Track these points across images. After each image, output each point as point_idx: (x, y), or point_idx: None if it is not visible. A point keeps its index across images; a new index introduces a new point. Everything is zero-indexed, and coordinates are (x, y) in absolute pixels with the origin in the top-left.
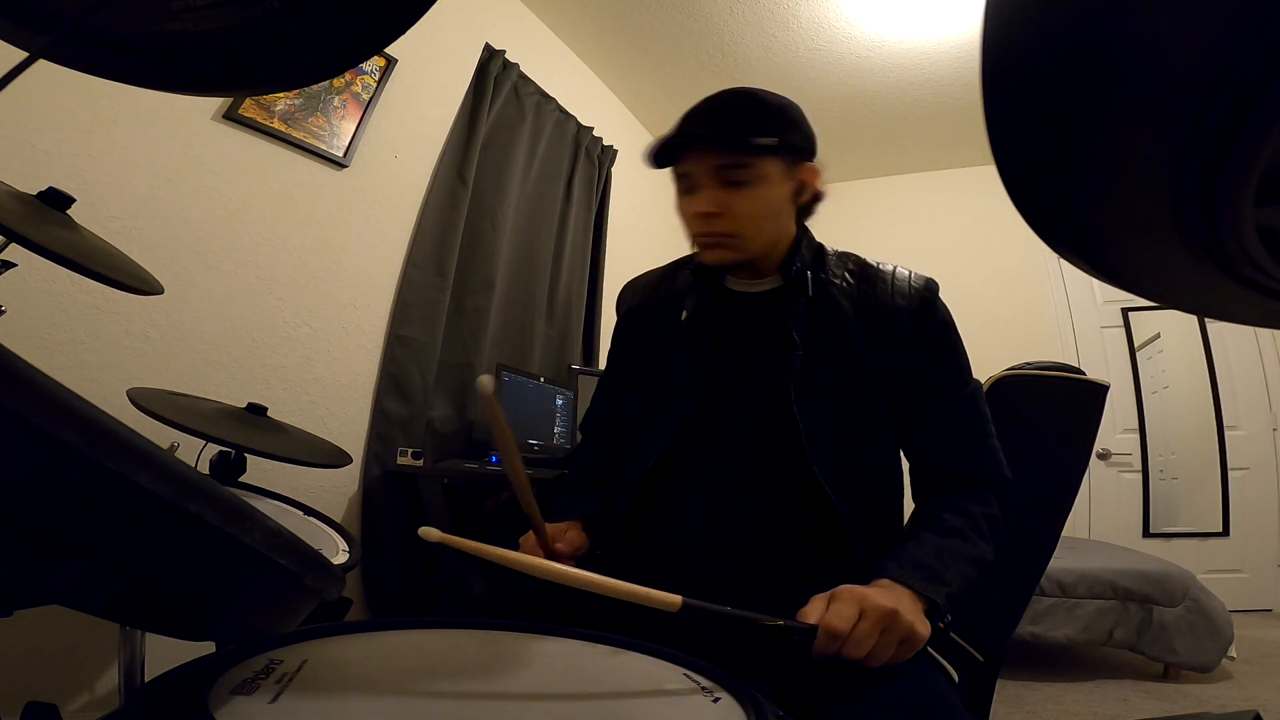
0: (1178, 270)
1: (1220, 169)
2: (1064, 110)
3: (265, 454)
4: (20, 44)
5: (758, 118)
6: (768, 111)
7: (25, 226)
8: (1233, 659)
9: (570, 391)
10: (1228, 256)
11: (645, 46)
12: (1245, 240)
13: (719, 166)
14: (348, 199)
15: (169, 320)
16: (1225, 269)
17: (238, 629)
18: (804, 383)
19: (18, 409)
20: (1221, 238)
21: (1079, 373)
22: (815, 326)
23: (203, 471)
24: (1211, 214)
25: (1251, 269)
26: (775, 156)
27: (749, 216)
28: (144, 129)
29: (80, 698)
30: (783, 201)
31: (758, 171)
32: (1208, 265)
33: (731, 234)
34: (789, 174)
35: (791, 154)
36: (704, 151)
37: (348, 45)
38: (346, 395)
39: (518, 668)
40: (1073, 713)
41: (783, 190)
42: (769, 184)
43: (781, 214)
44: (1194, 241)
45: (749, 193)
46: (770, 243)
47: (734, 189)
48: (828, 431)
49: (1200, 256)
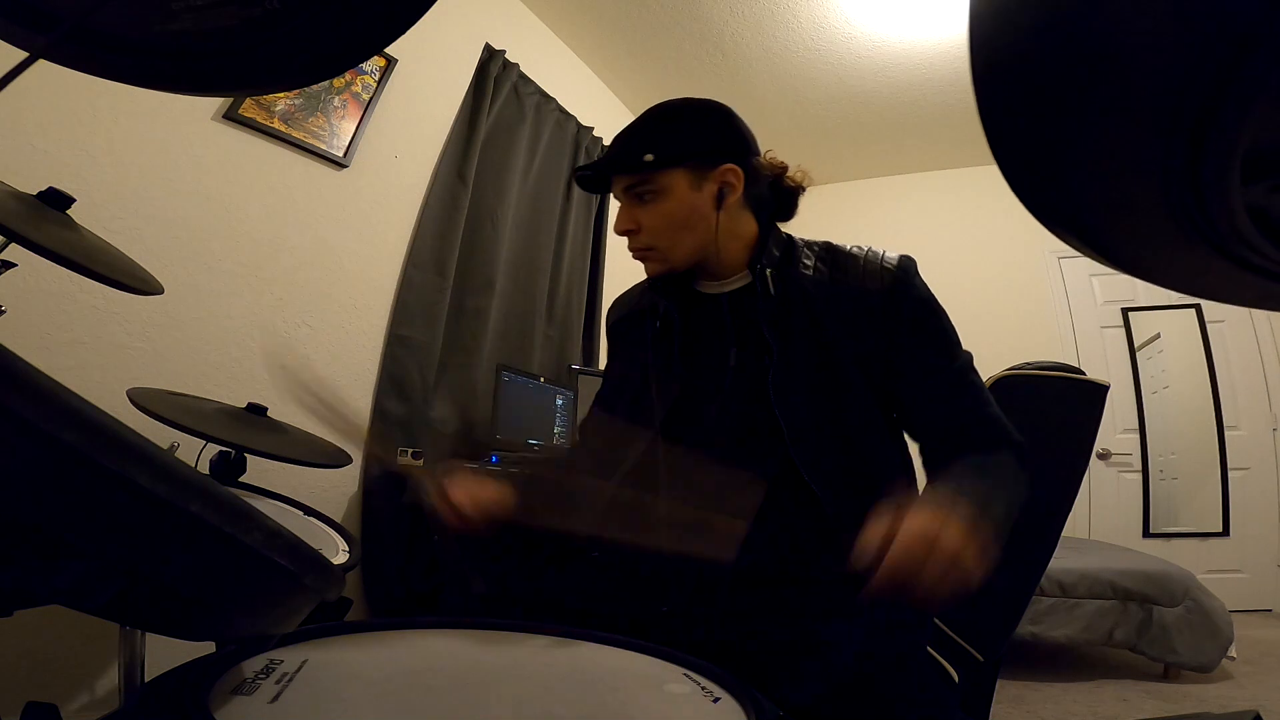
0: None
1: (1203, 148)
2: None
3: (265, 454)
4: (20, 44)
5: (656, 135)
6: (669, 126)
7: (25, 226)
8: (1233, 659)
9: (570, 391)
10: (1220, 236)
11: (645, 46)
12: (1235, 219)
13: (626, 188)
14: (348, 199)
15: (169, 320)
16: (1218, 248)
17: (238, 629)
18: (782, 382)
19: (18, 409)
20: (1212, 217)
21: (1079, 373)
22: (788, 323)
23: (203, 471)
24: (1200, 193)
25: (1244, 248)
26: (676, 168)
27: (659, 229)
28: (144, 129)
29: (80, 698)
30: (700, 206)
31: (658, 185)
32: (1201, 245)
33: (649, 247)
34: (699, 181)
35: (697, 161)
36: (616, 175)
37: (348, 45)
38: (346, 395)
39: (518, 668)
40: (1073, 713)
41: (696, 197)
42: (674, 194)
43: (703, 219)
44: (1185, 221)
45: (655, 206)
46: (696, 248)
47: (643, 205)
48: (812, 430)
49: (1192, 236)
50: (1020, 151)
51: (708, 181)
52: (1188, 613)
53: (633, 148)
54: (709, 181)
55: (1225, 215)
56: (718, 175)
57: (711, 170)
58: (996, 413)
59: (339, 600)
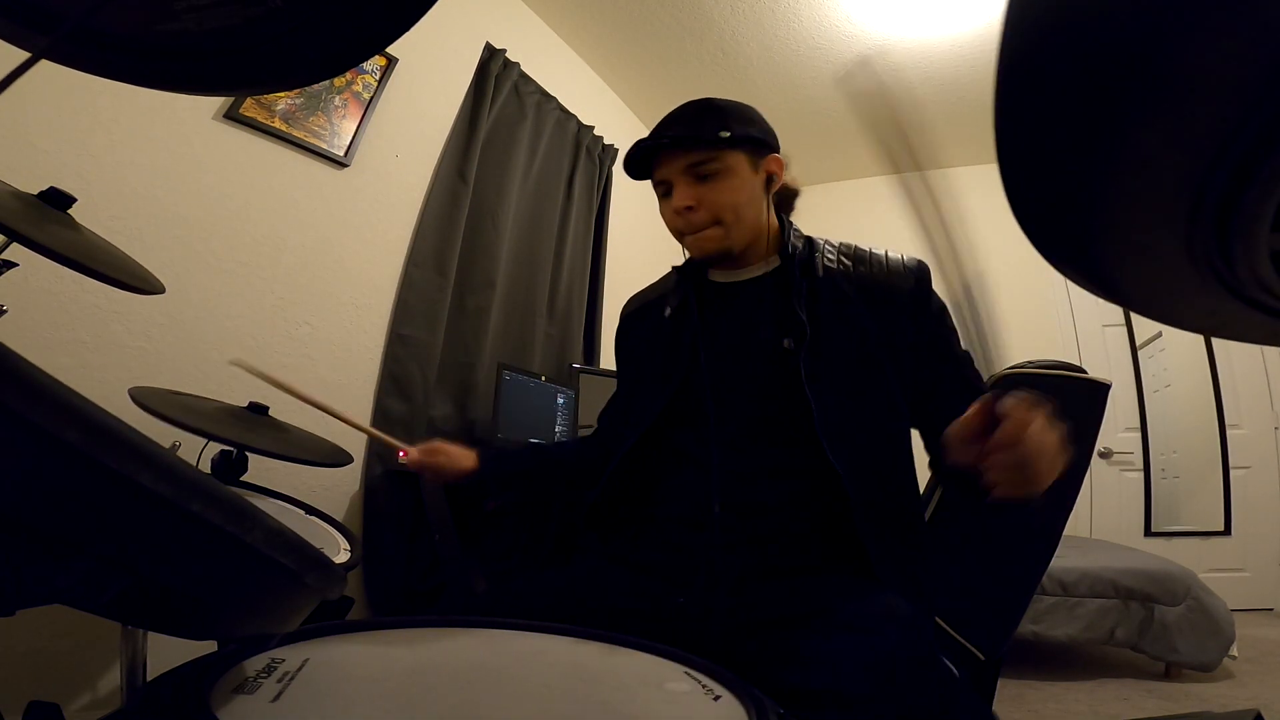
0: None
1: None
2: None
3: (266, 453)
4: (22, 44)
5: (715, 117)
6: (723, 112)
7: (26, 226)
8: (1234, 658)
9: (571, 391)
10: (1237, 279)
11: (646, 45)
12: (1257, 264)
13: (689, 165)
14: (349, 198)
15: (170, 319)
16: (1232, 291)
17: (240, 628)
18: (813, 364)
19: (20, 408)
20: (1233, 261)
21: (1080, 371)
22: (818, 307)
23: (204, 470)
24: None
25: (1259, 291)
26: (737, 149)
27: (725, 205)
28: (145, 128)
29: (82, 697)
30: (755, 190)
31: (724, 163)
32: (1214, 287)
33: (712, 222)
34: (755, 165)
35: (753, 146)
36: (673, 155)
37: (349, 44)
38: (347, 394)
39: (518, 667)
40: (1074, 711)
41: (753, 180)
42: (737, 174)
43: (756, 202)
44: (1204, 263)
45: (720, 183)
46: (752, 229)
47: (705, 182)
48: (840, 413)
49: (1207, 278)
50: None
51: (760, 168)
52: (1189, 612)
53: (705, 125)
54: (760, 169)
55: (1249, 260)
56: (766, 164)
57: (763, 158)
58: None
59: (340, 599)
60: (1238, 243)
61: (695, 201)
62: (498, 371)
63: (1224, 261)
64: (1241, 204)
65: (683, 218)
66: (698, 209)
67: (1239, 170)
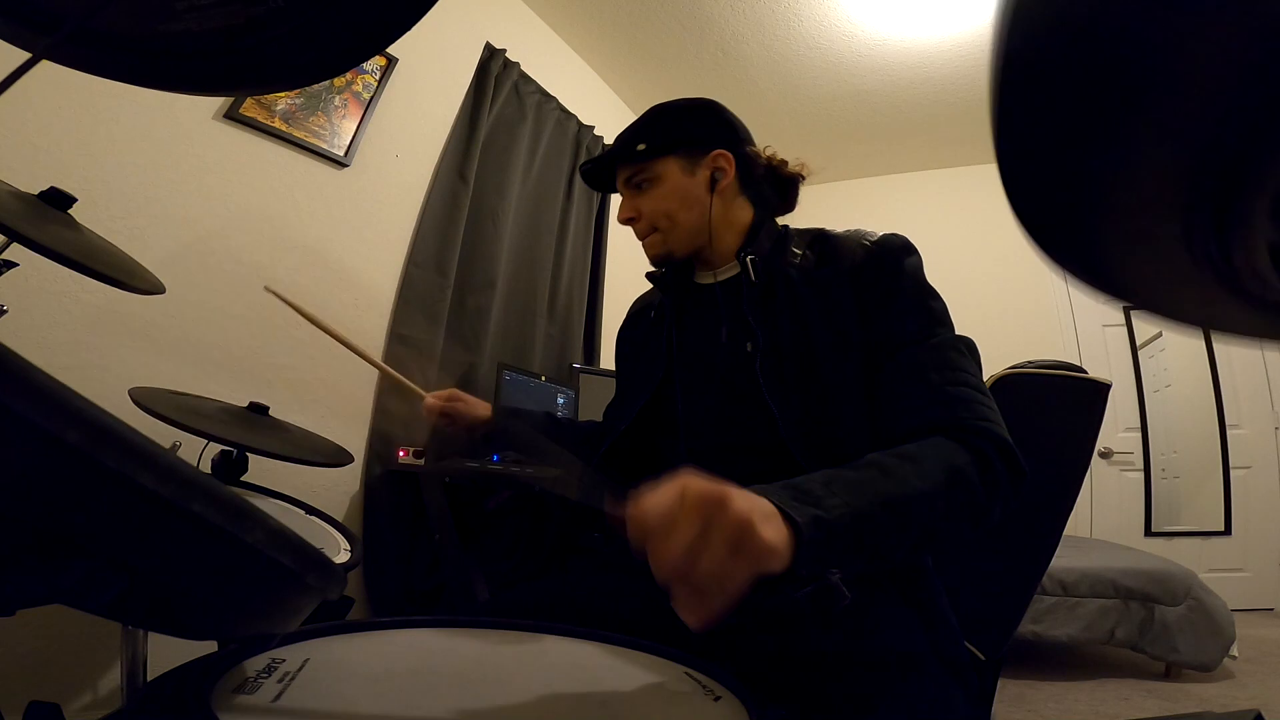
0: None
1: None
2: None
3: (267, 453)
4: (23, 45)
5: (648, 128)
6: (660, 120)
7: (27, 226)
8: (1234, 658)
9: (571, 390)
10: (1235, 273)
11: (646, 44)
12: (1255, 256)
13: (626, 180)
14: (349, 198)
15: (170, 319)
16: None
17: (240, 628)
18: (770, 369)
19: (20, 408)
20: (1230, 253)
21: (1080, 371)
22: (773, 310)
23: (205, 471)
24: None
25: (1258, 285)
26: (668, 156)
27: (658, 212)
28: (145, 129)
29: (83, 697)
30: (693, 191)
31: (653, 172)
32: (1212, 281)
33: (650, 230)
34: (691, 167)
35: (687, 148)
36: (619, 170)
37: (350, 44)
38: (348, 394)
39: (519, 667)
40: (1074, 711)
41: (688, 182)
42: (668, 179)
43: (696, 203)
44: (1202, 257)
45: (651, 192)
46: (692, 231)
47: (642, 191)
48: (805, 420)
49: (1205, 272)
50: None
51: (700, 167)
52: (1189, 612)
53: (627, 141)
54: (701, 167)
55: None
56: (709, 161)
57: (703, 157)
58: (968, 395)
59: (341, 599)
60: (1235, 236)
61: (635, 212)
62: (498, 371)
63: (1222, 255)
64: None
65: (632, 228)
66: (638, 219)
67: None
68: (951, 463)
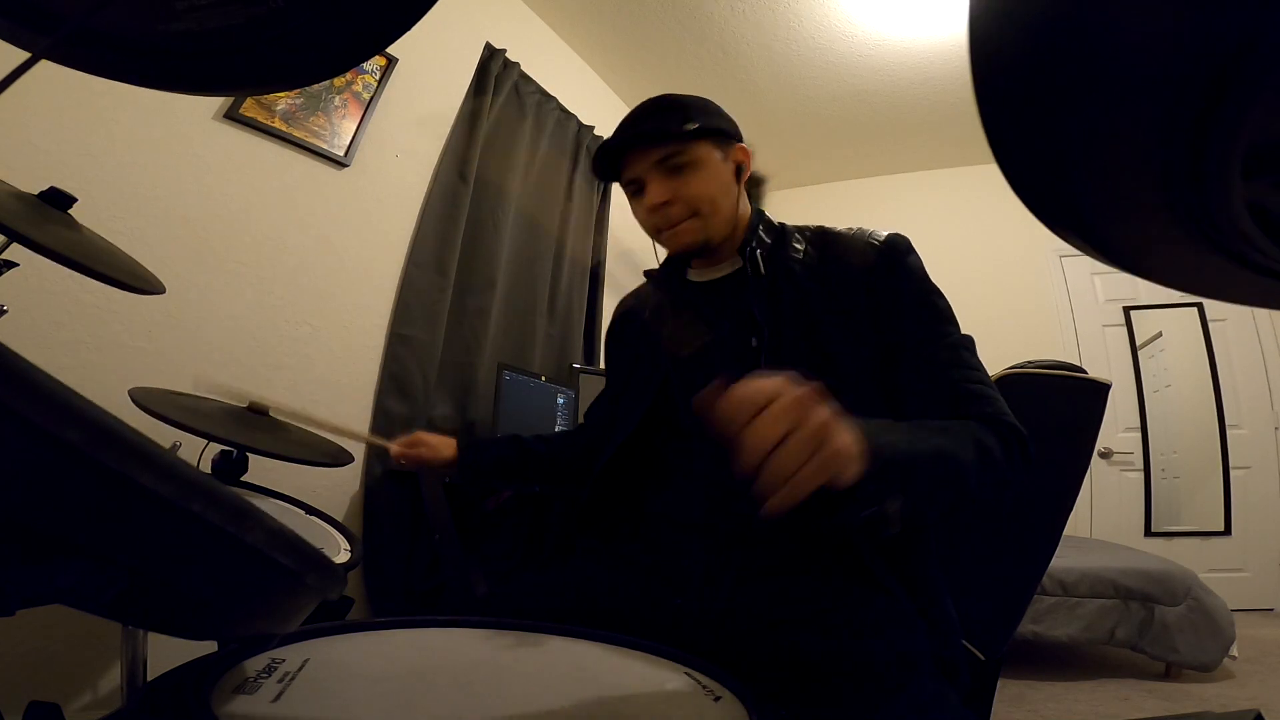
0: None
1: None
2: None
3: (267, 453)
4: (23, 45)
5: (678, 111)
6: (685, 105)
7: (27, 226)
8: (1234, 658)
9: (571, 391)
10: (1220, 233)
11: (646, 44)
12: (1235, 215)
13: (659, 160)
14: (349, 198)
15: (171, 320)
16: (1218, 246)
17: (240, 628)
18: (775, 365)
19: (20, 408)
20: (1212, 213)
21: (1080, 371)
22: (779, 305)
23: (205, 471)
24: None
25: (1245, 245)
26: (705, 140)
27: (700, 196)
28: (145, 129)
29: (83, 697)
30: (727, 179)
31: (695, 155)
32: (1201, 242)
33: (690, 214)
34: (724, 155)
35: (720, 136)
36: (643, 152)
37: (350, 44)
38: (348, 394)
39: (519, 667)
40: (1074, 711)
41: (723, 169)
42: (709, 164)
43: (730, 191)
44: (1186, 218)
45: (693, 175)
46: (728, 220)
47: (679, 175)
48: None
49: (1193, 233)
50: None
51: (728, 158)
52: (1189, 612)
53: (670, 119)
54: (729, 159)
55: (1226, 212)
56: (734, 153)
57: (730, 147)
58: (988, 392)
59: (341, 599)
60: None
61: (671, 195)
62: (498, 371)
63: (1202, 211)
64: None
65: (659, 214)
66: (674, 202)
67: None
68: (985, 441)
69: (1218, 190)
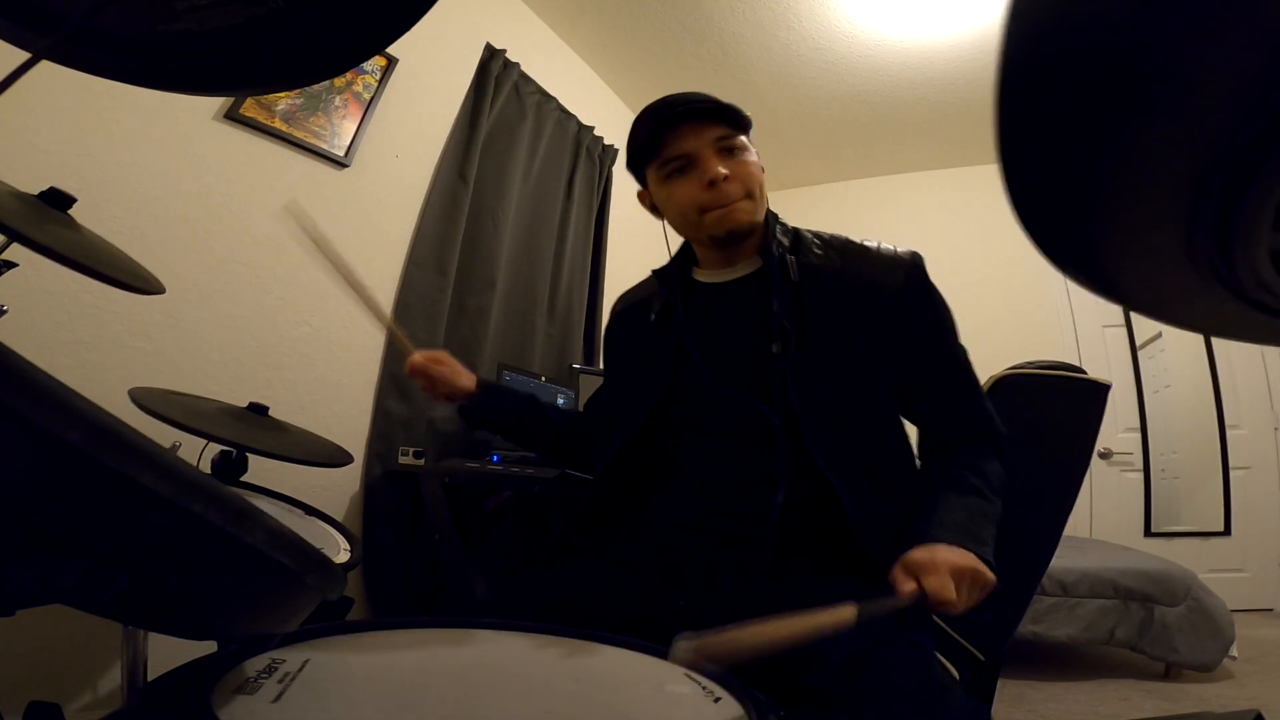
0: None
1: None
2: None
3: (267, 453)
4: (23, 45)
5: (727, 104)
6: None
7: (26, 226)
8: (1234, 658)
9: (571, 390)
10: (1237, 279)
11: (646, 45)
12: (1258, 264)
13: (718, 138)
14: (349, 198)
15: (170, 320)
16: (1233, 291)
17: (240, 628)
18: (799, 370)
19: (20, 409)
20: (1233, 261)
21: (1080, 372)
22: (802, 311)
23: (205, 471)
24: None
25: (1260, 291)
26: (747, 134)
27: (754, 179)
28: (145, 129)
29: (83, 697)
30: (762, 177)
31: (744, 143)
32: (1214, 286)
33: (744, 195)
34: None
35: (748, 134)
36: (700, 127)
37: (350, 44)
38: (348, 394)
39: (519, 667)
40: (1074, 712)
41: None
42: (753, 154)
43: (764, 185)
44: (1204, 264)
45: (744, 161)
46: (764, 212)
47: (734, 156)
48: (829, 423)
49: (1208, 278)
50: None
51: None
52: (1189, 612)
53: (725, 106)
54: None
55: (1249, 261)
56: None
57: None
58: (989, 406)
59: (340, 599)
60: (1238, 242)
61: (731, 171)
62: (498, 371)
63: (1224, 261)
64: (1241, 204)
65: (714, 190)
66: (733, 179)
67: (1238, 171)
68: (1000, 478)
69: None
